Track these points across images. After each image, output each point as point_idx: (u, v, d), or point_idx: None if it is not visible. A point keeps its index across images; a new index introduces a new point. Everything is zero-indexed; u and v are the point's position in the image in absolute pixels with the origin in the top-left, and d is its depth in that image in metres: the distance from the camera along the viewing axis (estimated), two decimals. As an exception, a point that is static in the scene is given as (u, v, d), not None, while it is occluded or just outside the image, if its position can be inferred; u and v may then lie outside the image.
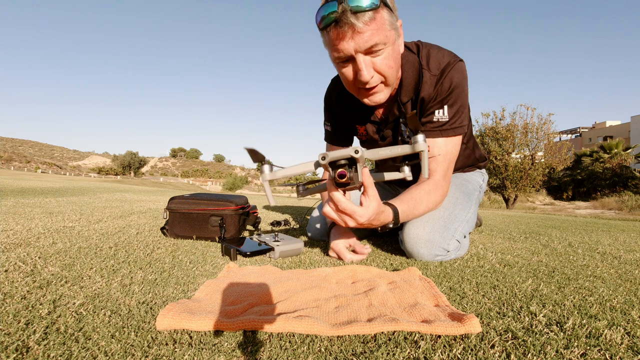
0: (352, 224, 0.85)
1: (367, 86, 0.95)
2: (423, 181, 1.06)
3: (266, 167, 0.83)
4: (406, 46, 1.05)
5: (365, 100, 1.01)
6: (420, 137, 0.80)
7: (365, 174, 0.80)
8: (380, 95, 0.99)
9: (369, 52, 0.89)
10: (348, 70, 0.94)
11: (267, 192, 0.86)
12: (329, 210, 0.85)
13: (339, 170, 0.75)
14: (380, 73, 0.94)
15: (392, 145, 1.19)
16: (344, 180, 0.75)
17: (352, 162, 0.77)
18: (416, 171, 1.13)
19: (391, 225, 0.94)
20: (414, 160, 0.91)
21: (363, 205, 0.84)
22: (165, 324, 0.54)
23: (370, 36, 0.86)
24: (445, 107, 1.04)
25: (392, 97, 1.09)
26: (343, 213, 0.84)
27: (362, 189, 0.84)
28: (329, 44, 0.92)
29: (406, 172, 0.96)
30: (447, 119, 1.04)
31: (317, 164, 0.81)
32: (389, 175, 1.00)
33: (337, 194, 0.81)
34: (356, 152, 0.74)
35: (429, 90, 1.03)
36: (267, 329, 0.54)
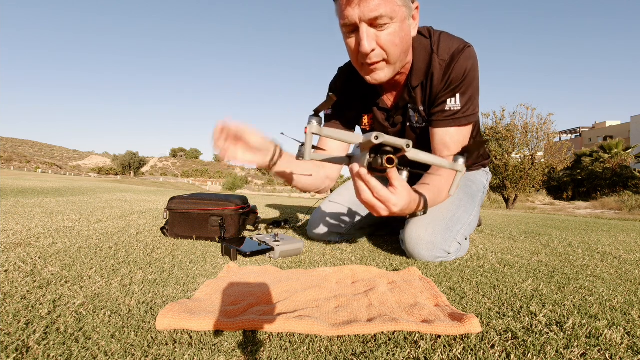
0: (384, 212, 0.82)
1: (368, 61, 0.93)
2: (437, 171, 1.05)
3: (316, 120, 0.77)
4: (419, 32, 1.04)
5: (367, 78, 1.00)
6: (461, 159, 0.81)
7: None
8: (381, 74, 0.97)
9: (374, 23, 0.87)
10: (352, 41, 0.93)
11: (307, 145, 0.78)
12: (368, 195, 0.80)
13: (389, 155, 0.72)
14: (383, 49, 0.91)
15: (402, 132, 1.18)
16: (391, 166, 0.72)
17: (394, 153, 0.73)
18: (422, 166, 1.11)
19: (420, 214, 0.94)
20: (416, 170, 0.90)
21: (396, 194, 0.81)
22: (165, 324, 0.54)
23: (377, 6, 0.84)
24: (458, 95, 1.02)
25: (404, 82, 1.08)
26: (378, 200, 0.81)
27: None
28: (338, 11, 0.91)
29: (404, 176, 0.91)
30: (460, 107, 1.03)
31: (368, 142, 0.72)
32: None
33: (374, 181, 0.79)
34: (408, 145, 0.71)
35: (437, 75, 1.02)
36: (267, 329, 0.54)
